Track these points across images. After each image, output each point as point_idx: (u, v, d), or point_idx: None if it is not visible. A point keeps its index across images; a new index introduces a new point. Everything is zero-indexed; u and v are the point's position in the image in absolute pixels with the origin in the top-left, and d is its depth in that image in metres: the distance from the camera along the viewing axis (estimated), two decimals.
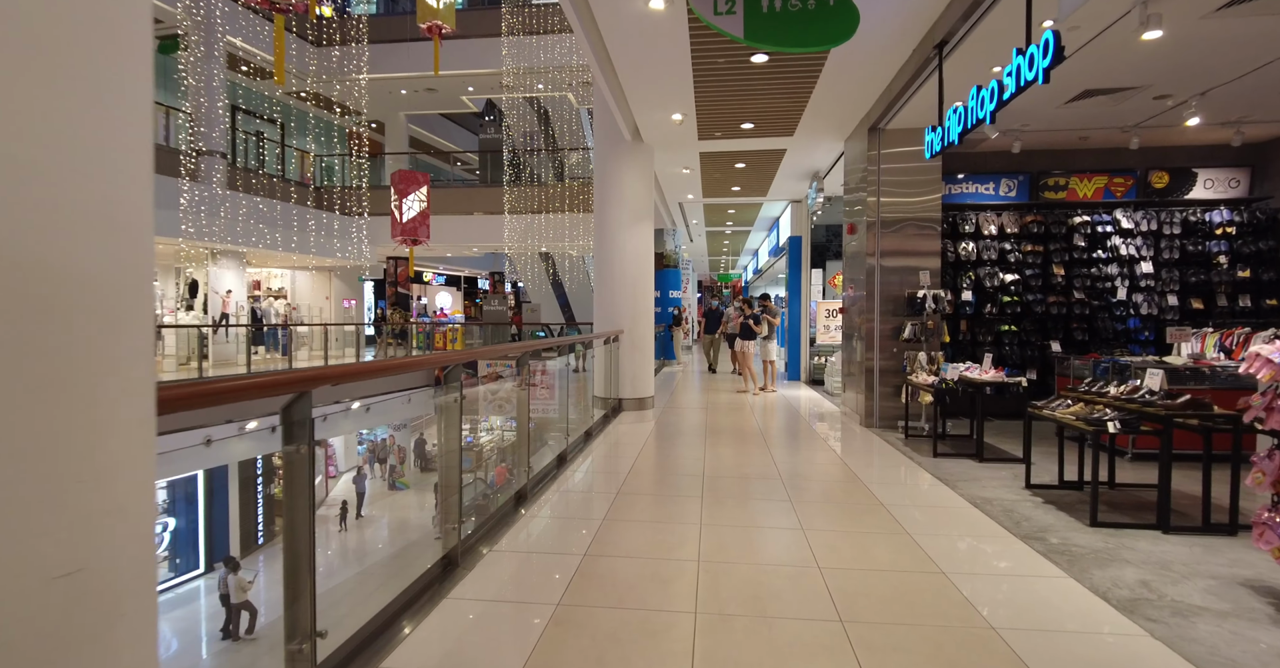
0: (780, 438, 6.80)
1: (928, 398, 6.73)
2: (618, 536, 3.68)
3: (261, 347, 18.34)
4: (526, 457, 4.44)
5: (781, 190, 11.73)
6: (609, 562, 3.30)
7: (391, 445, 17.53)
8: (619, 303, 8.47)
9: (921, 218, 7.23)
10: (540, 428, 5.94)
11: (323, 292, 25.08)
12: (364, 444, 16.82)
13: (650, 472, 5.32)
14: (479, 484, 10.13)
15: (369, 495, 14.36)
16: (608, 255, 8.52)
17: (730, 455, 5.87)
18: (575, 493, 4.74)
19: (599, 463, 5.72)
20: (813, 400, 9.77)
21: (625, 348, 8.44)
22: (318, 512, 14.41)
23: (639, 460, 5.68)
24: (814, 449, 6.31)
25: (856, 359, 7.78)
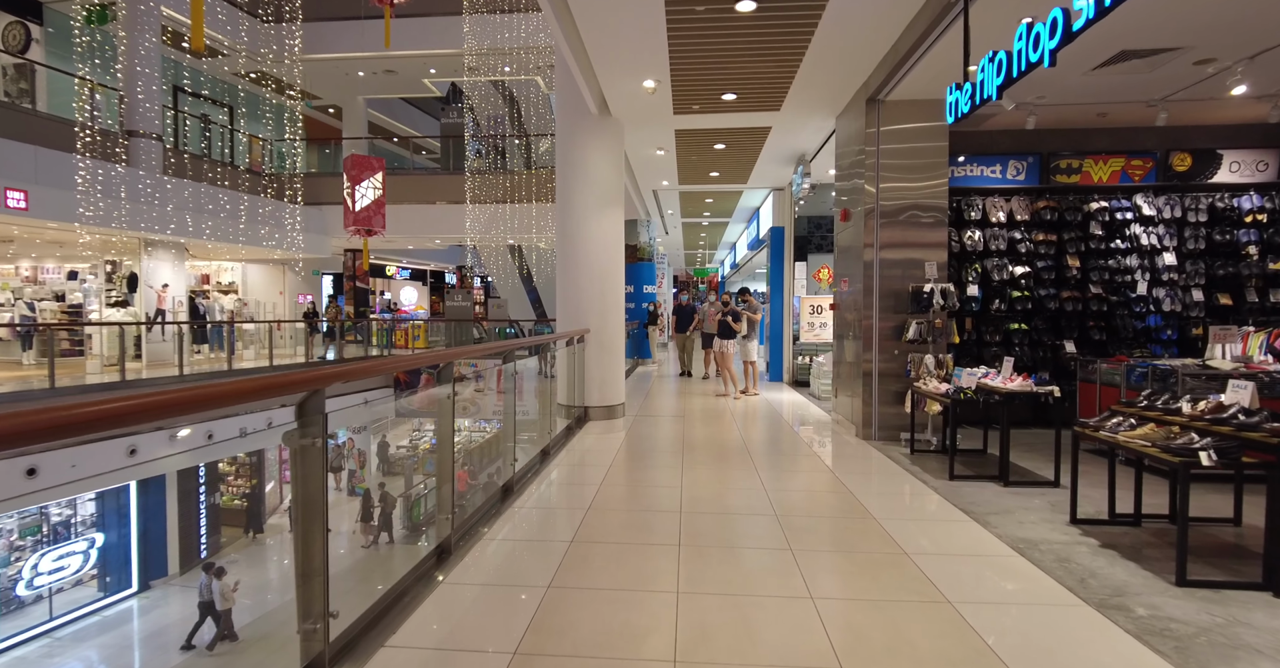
0: (768, 455, 5.90)
1: (935, 407, 5.89)
2: (564, 617, 2.73)
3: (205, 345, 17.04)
4: (451, 500, 3.46)
5: (764, 176, 10.84)
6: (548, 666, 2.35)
7: (351, 449, 16.36)
8: (585, 298, 7.50)
9: (926, 204, 6.38)
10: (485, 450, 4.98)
11: (276, 286, 23.69)
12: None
13: (615, 507, 4.37)
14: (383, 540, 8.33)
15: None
16: (572, 245, 7.54)
17: (711, 481, 4.95)
18: (517, 543, 3.77)
19: (555, 494, 4.76)
20: (799, 405, 8.91)
21: (592, 349, 7.48)
22: (270, 520, 13.08)
23: (603, 490, 4.73)
24: (809, 470, 5.42)
25: (850, 361, 6.92)
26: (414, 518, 9.16)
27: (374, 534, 8.31)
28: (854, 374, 6.80)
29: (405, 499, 9.74)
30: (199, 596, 7.40)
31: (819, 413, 8.23)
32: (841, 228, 7.41)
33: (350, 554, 8.39)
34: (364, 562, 7.96)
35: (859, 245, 6.63)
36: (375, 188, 15.97)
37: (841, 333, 7.36)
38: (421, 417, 13.96)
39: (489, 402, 7.75)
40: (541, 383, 6.80)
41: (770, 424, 7.50)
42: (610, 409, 7.62)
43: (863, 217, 6.53)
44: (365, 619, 2.58)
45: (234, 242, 16.29)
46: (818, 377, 9.64)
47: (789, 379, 11.65)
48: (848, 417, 7.02)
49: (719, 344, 9.71)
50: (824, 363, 9.45)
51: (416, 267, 31.17)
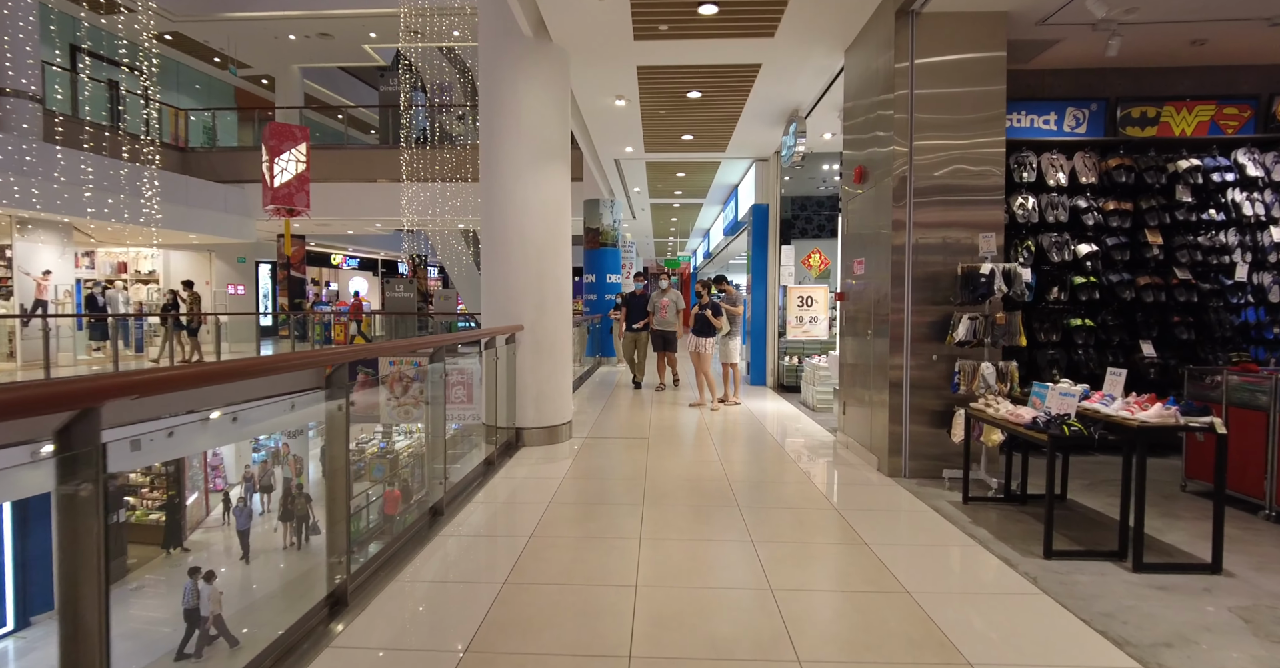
0: (764, 509, 4.15)
1: (996, 436, 4.20)
2: None
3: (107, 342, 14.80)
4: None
5: (746, 141, 9.08)
6: None
7: (286, 455, 14.29)
8: (516, 285, 5.67)
9: (977, 165, 4.71)
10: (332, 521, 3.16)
11: (203, 276, 21.33)
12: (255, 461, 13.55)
13: (525, 633, 2.57)
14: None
15: (254, 533, 11.35)
16: (498, 213, 5.69)
17: (682, 565, 3.18)
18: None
19: (427, 600, 2.94)
20: (791, 419, 7.20)
21: (526, 353, 5.66)
22: (193, 536, 10.49)
23: (505, 595, 2.92)
24: (830, 540, 3.67)
25: (867, 367, 5.21)
26: (353, 535, 7.56)
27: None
28: (873, 384, 5.09)
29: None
30: (184, 602, 5.99)
31: (818, 431, 6.51)
32: (852, 194, 5.69)
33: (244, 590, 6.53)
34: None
35: (882, 217, 4.92)
36: (298, 161, 13.86)
37: (853, 330, 5.64)
38: (360, 420, 11.94)
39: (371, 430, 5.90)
40: (453, 397, 4.97)
41: (760, 451, 5.75)
42: (552, 431, 5.81)
43: (890, 181, 4.81)
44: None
45: (136, 222, 14.00)
46: (812, 383, 7.94)
47: (773, 383, 9.96)
48: (862, 440, 5.32)
49: (695, 344, 7.95)
50: (823, 367, 7.75)
51: (366, 255, 28.87)
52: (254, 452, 10.32)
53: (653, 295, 9.28)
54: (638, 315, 9.60)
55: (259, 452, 10.64)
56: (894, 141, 4.77)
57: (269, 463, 9.54)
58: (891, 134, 4.78)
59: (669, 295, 9.04)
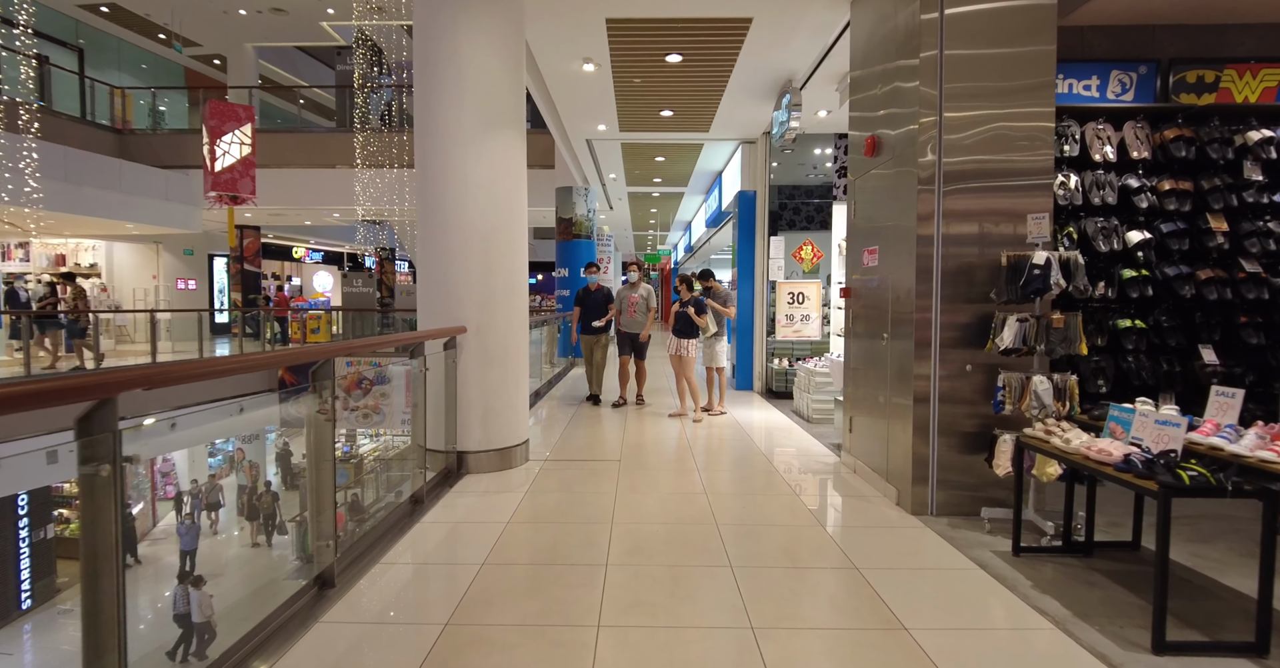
0: (766, 572, 3.21)
1: (1052, 469, 3.32)
2: None
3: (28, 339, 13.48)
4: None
5: (732, 119, 8.14)
6: None
7: (241, 461, 13.14)
8: (457, 279, 4.67)
9: (1021, 143, 3.84)
10: None
11: (149, 269, 19.98)
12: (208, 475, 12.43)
13: None
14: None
15: (201, 552, 10.26)
16: (434, 192, 4.69)
17: None
18: None
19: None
20: (785, 433, 6.29)
21: (470, 360, 4.67)
22: (143, 548, 8.95)
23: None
24: (855, 620, 2.74)
25: (882, 376, 4.31)
26: (305, 549, 6.64)
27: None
28: (891, 397, 4.19)
29: (297, 524, 7.22)
30: (173, 608, 5.16)
31: (817, 448, 5.61)
32: (861, 171, 4.78)
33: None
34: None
35: (904, 200, 4.01)
36: (243, 143, 12.72)
37: (863, 331, 4.74)
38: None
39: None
40: (388, 413, 3.99)
41: (753, 477, 4.82)
42: (504, 455, 4.83)
43: (914, 160, 3.90)
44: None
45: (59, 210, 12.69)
46: (807, 390, 7.04)
47: (761, 388, 9.07)
48: (876, 464, 4.42)
49: (676, 346, 7.00)
50: (820, 373, 6.84)
51: (331, 248, 27.51)
52: (210, 456, 9.18)
53: (619, 289, 7.85)
54: (597, 313, 7.87)
55: (215, 456, 9.40)
56: (919, 115, 3.86)
57: (217, 477, 8.32)
58: (916, 108, 3.88)
59: (639, 290, 7.63)
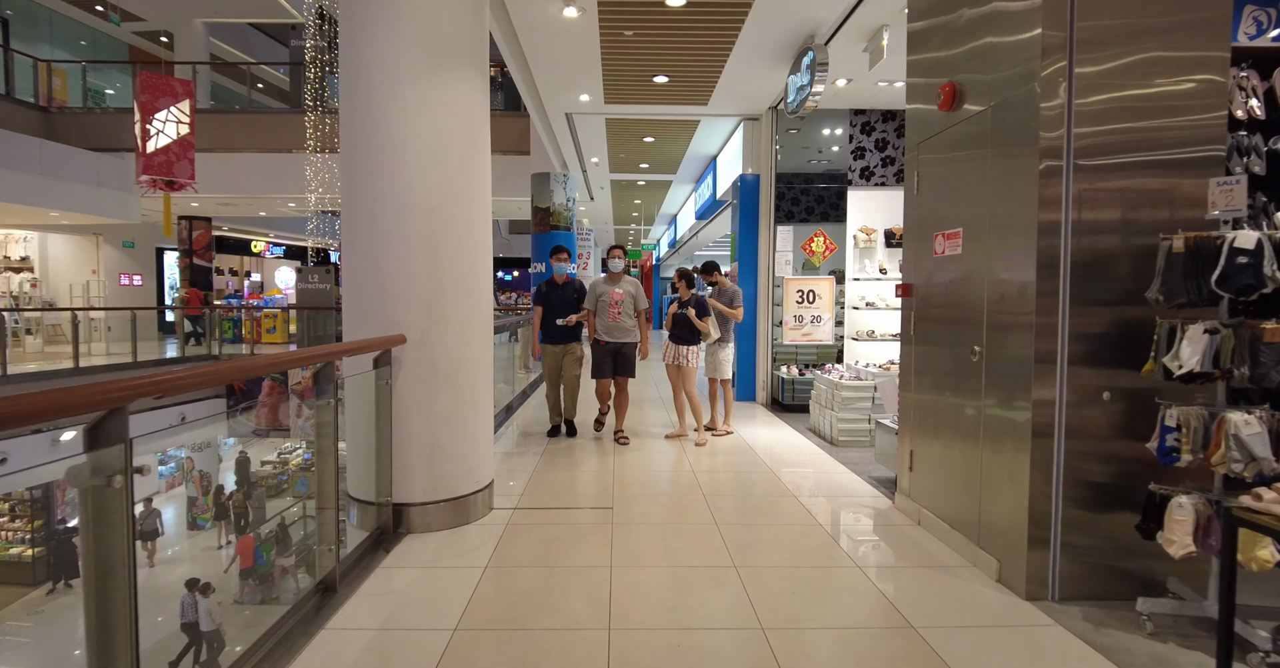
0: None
1: (1267, 555, 2.21)
2: None
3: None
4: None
5: (737, 88, 6.99)
6: None
7: (190, 471, 11.76)
8: (392, 272, 3.45)
9: (1181, 95, 2.76)
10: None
11: (89, 263, 18.35)
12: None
13: None
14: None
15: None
16: (361, 153, 3.47)
17: None
18: None
19: None
20: (810, 461, 5.16)
21: (412, 381, 3.46)
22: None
23: None
24: None
25: (972, 401, 3.20)
26: (267, 562, 5.46)
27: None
28: (983, 430, 3.08)
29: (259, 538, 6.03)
30: (182, 616, 4.06)
31: (858, 486, 4.48)
32: (933, 127, 3.65)
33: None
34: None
35: (1011, 168, 2.89)
36: (179, 121, 11.28)
37: (937, 340, 3.61)
38: (272, 433, 9.55)
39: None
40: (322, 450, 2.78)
41: (791, 538, 3.66)
42: (459, 506, 3.63)
43: (1027, 113, 2.78)
44: None
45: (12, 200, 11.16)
46: (829, 406, 5.91)
47: (764, 398, 7.95)
48: (952, 517, 3.31)
49: (674, 354, 5.84)
50: (850, 386, 5.70)
51: (293, 242, 25.87)
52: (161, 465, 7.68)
53: (596, 283, 5.71)
54: (558, 309, 5.69)
55: (167, 464, 7.83)
56: (1035, 68, 2.74)
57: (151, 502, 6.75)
58: (1032, 59, 2.76)
59: (623, 285, 5.62)
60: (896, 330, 7.79)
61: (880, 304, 7.59)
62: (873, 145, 7.62)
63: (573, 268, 6.15)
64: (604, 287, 5.67)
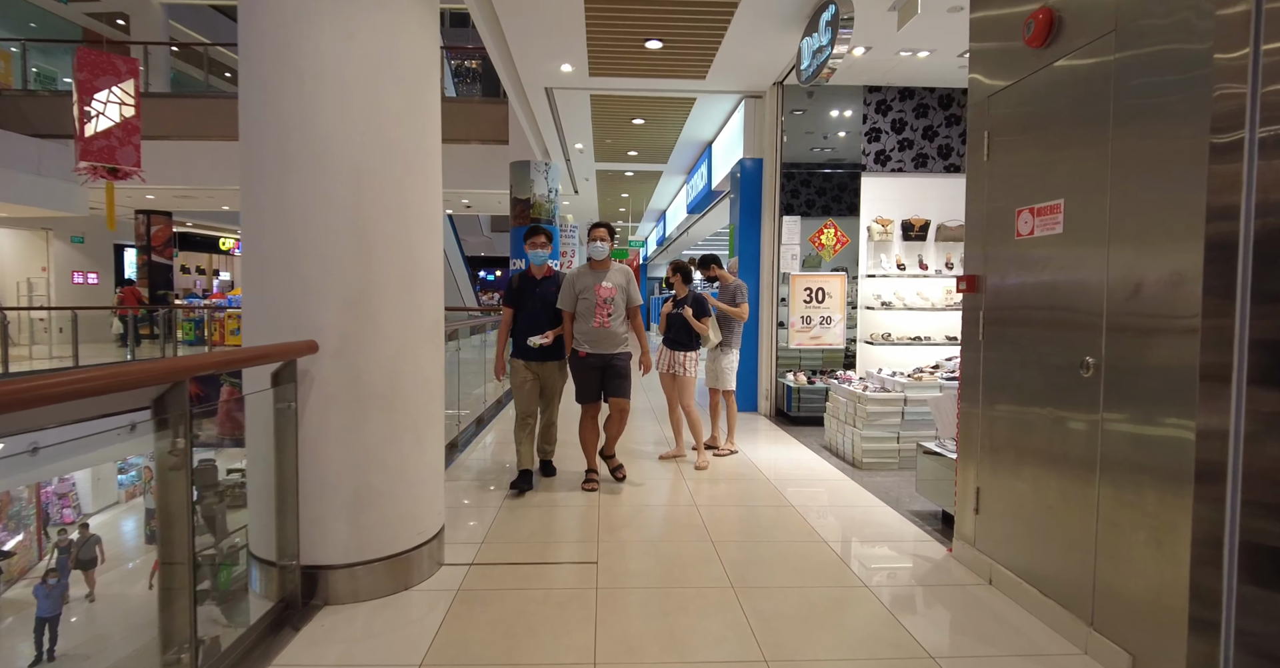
0: None
1: None
2: None
3: None
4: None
5: (740, 58, 6.17)
6: None
7: (149, 482, 10.74)
8: (305, 253, 2.58)
9: None
10: None
11: (38, 260, 17.20)
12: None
13: None
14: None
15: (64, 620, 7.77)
16: (266, 94, 2.60)
17: None
18: None
19: None
20: (835, 493, 4.32)
21: (330, 401, 2.59)
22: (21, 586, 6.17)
23: None
24: None
25: (1083, 429, 2.38)
26: (221, 583, 4.54)
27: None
28: (1108, 469, 2.26)
29: (211, 557, 5.09)
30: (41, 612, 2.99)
31: (900, 526, 3.65)
32: (1008, 72, 2.83)
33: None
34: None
35: (1144, 110, 2.07)
36: (123, 103, 10.25)
37: (1020, 348, 2.79)
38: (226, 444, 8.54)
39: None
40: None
41: (833, 609, 2.82)
42: (395, 567, 2.75)
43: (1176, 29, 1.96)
44: None
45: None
46: (850, 422, 5.09)
47: (768, 408, 7.13)
48: (1034, 577, 2.48)
49: (670, 361, 4.99)
50: (877, 400, 4.87)
51: None
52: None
53: (574, 275, 4.21)
54: (544, 321, 4.23)
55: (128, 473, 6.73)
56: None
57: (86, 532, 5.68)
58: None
59: (612, 276, 4.19)
60: (915, 333, 7.05)
61: (898, 303, 6.81)
62: (889, 126, 6.83)
63: (557, 263, 5.24)
64: (586, 278, 4.13)
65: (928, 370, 5.14)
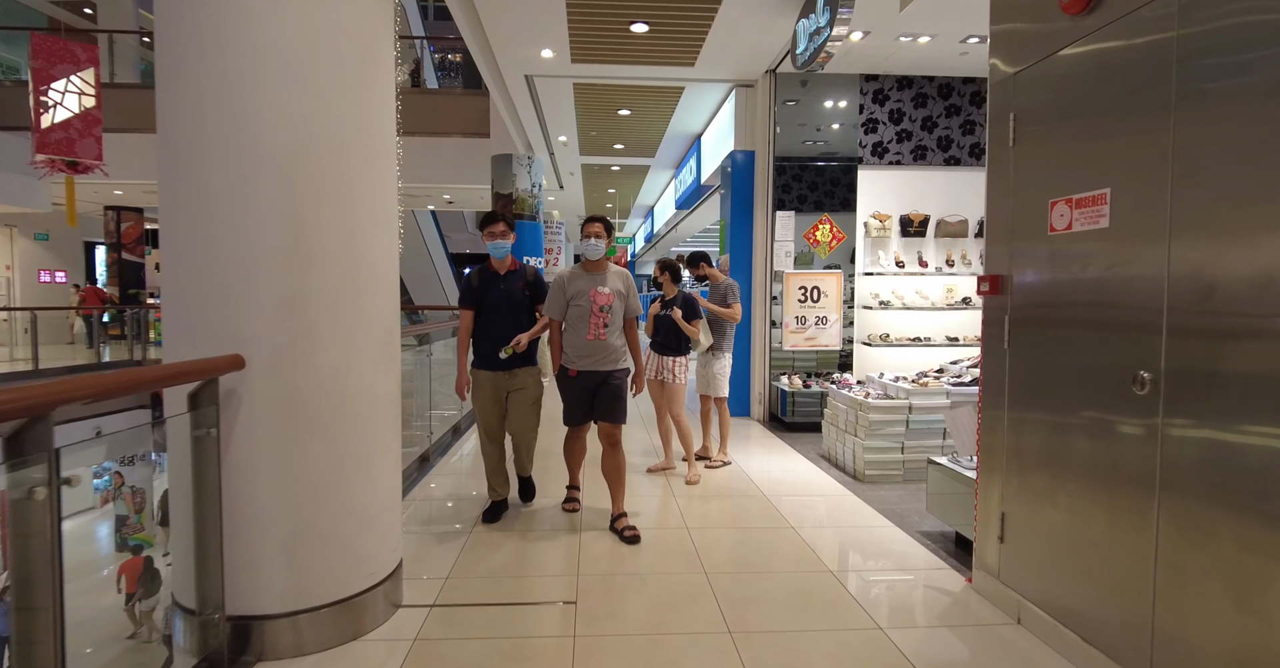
0: None
1: None
2: None
3: None
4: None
5: (731, 43, 5.82)
6: None
7: (120, 487, 10.23)
8: (227, 250, 2.20)
9: None
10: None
11: (1, 258, 16.61)
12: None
13: None
14: None
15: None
16: (183, 65, 2.22)
17: None
18: None
19: None
20: (836, 509, 3.99)
21: (259, 424, 2.22)
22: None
23: None
24: None
25: (1137, 451, 2.05)
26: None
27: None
28: (1150, 504, 1.93)
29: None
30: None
31: (910, 550, 3.32)
32: (1040, 45, 2.49)
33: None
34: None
35: (1219, 82, 1.74)
36: (82, 92, 9.77)
37: (1040, 350, 2.46)
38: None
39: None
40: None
41: (829, 643, 2.49)
42: (343, 614, 2.38)
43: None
44: None
45: None
46: (851, 431, 4.76)
47: (761, 413, 6.81)
48: (1073, 619, 2.15)
49: (658, 367, 4.64)
50: (880, 408, 4.53)
51: None
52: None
53: (565, 277, 3.52)
54: (505, 324, 3.60)
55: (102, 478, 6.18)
56: None
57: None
58: None
59: (609, 280, 3.53)
60: (915, 334, 6.75)
61: (896, 303, 6.50)
62: (886, 117, 6.50)
63: (541, 260, 4.81)
64: (579, 282, 3.47)
65: (932, 375, 4.82)
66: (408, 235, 18.28)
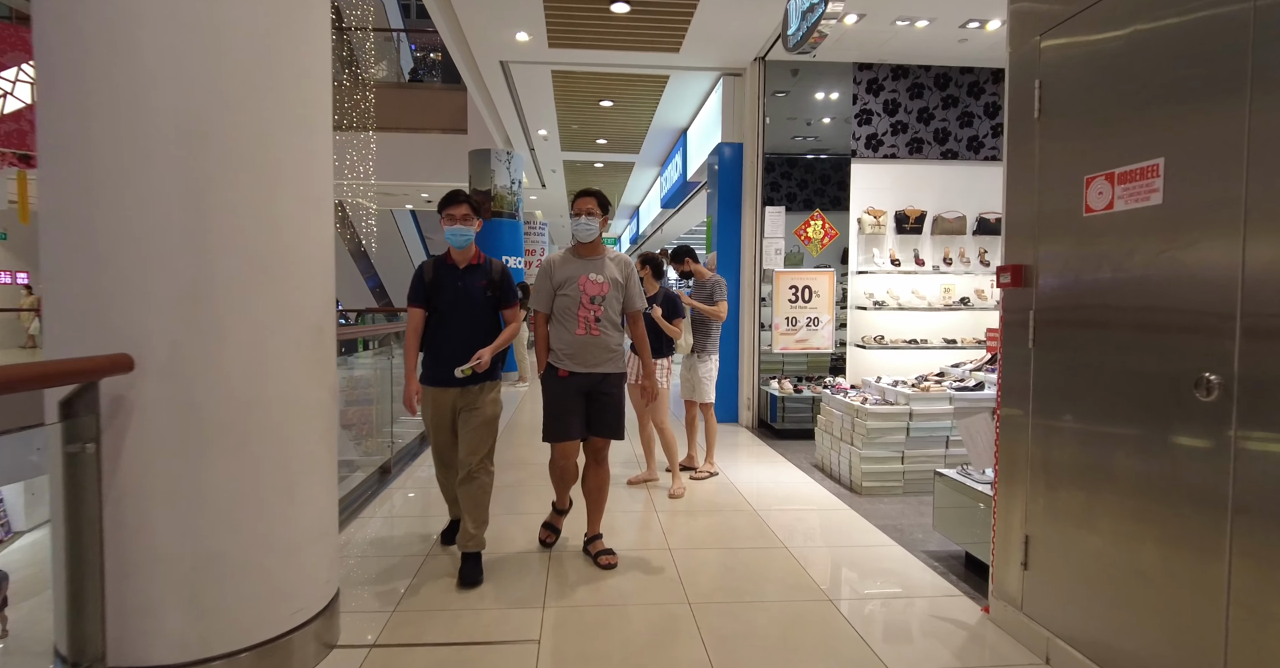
0: None
1: None
2: None
3: None
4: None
5: (720, 27, 5.50)
6: None
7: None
8: (115, 232, 1.83)
9: None
10: None
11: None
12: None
13: None
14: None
15: None
16: (62, 17, 1.85)
17: None
18: None
19: None
20: (833, 526, 3.65)
21: (152, 438, 1.84)
22: None
23: None
24: None
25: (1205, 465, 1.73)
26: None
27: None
28: (1221, 536, 1.60)
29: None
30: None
31: (909, 566, 2.99)
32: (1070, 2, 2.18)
33: None
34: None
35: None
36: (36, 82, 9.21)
37: (1073, 351, 2.14)
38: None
39: None
40: None
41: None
42: (263, 659, 2.00)
43: None
44: None
45: None
46: (847, 438, 4.43)
47: (749, 419, 6.49)
48: (1107, 655, 1.83)
49: (637, 370, 4.29)
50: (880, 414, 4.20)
51: None
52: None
53: (553, 262, 3.03)
54: (462, 328, 2.94)
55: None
56: None
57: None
58: None
59: (605, 268, 3.00)
60: (911, 336, 6.45)
61: (891, 303, 6.20)
62: (881, 108, 6.22)
63: (523, 259, 4.38)
64: (570, 267, 2.99)
65: (932, 379, 4.51)
66: (387, 236, 17.83)
